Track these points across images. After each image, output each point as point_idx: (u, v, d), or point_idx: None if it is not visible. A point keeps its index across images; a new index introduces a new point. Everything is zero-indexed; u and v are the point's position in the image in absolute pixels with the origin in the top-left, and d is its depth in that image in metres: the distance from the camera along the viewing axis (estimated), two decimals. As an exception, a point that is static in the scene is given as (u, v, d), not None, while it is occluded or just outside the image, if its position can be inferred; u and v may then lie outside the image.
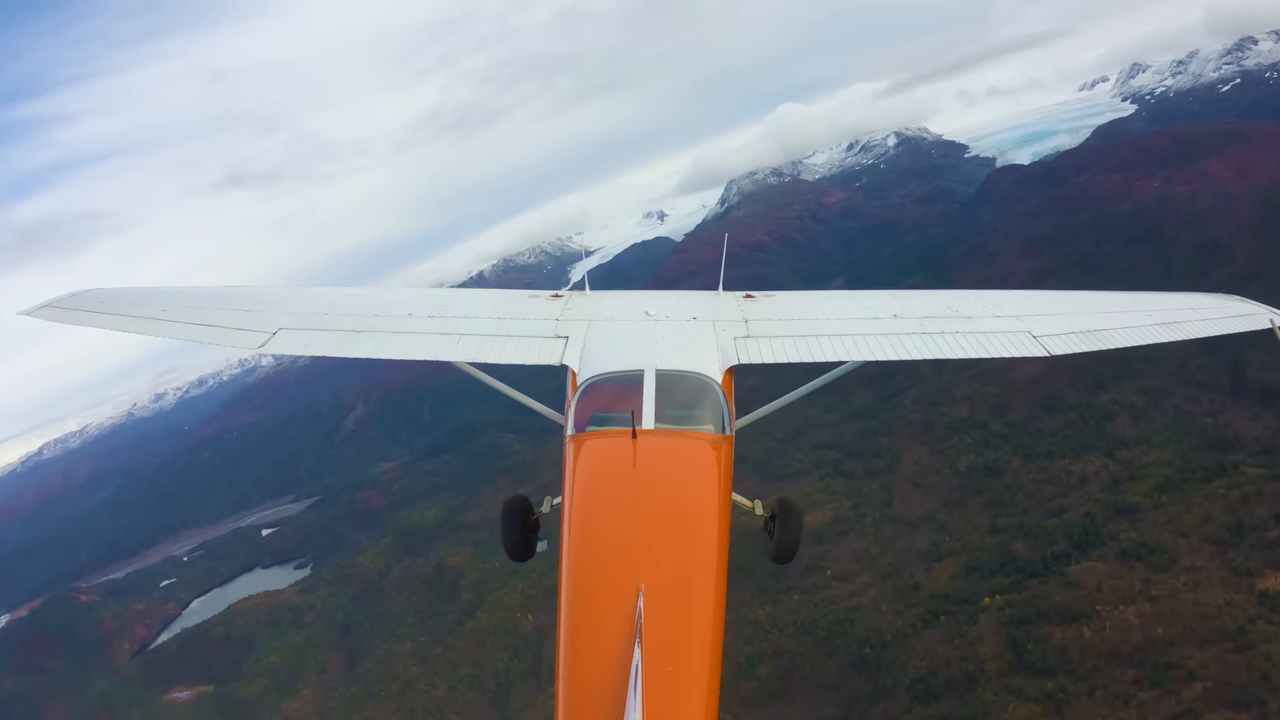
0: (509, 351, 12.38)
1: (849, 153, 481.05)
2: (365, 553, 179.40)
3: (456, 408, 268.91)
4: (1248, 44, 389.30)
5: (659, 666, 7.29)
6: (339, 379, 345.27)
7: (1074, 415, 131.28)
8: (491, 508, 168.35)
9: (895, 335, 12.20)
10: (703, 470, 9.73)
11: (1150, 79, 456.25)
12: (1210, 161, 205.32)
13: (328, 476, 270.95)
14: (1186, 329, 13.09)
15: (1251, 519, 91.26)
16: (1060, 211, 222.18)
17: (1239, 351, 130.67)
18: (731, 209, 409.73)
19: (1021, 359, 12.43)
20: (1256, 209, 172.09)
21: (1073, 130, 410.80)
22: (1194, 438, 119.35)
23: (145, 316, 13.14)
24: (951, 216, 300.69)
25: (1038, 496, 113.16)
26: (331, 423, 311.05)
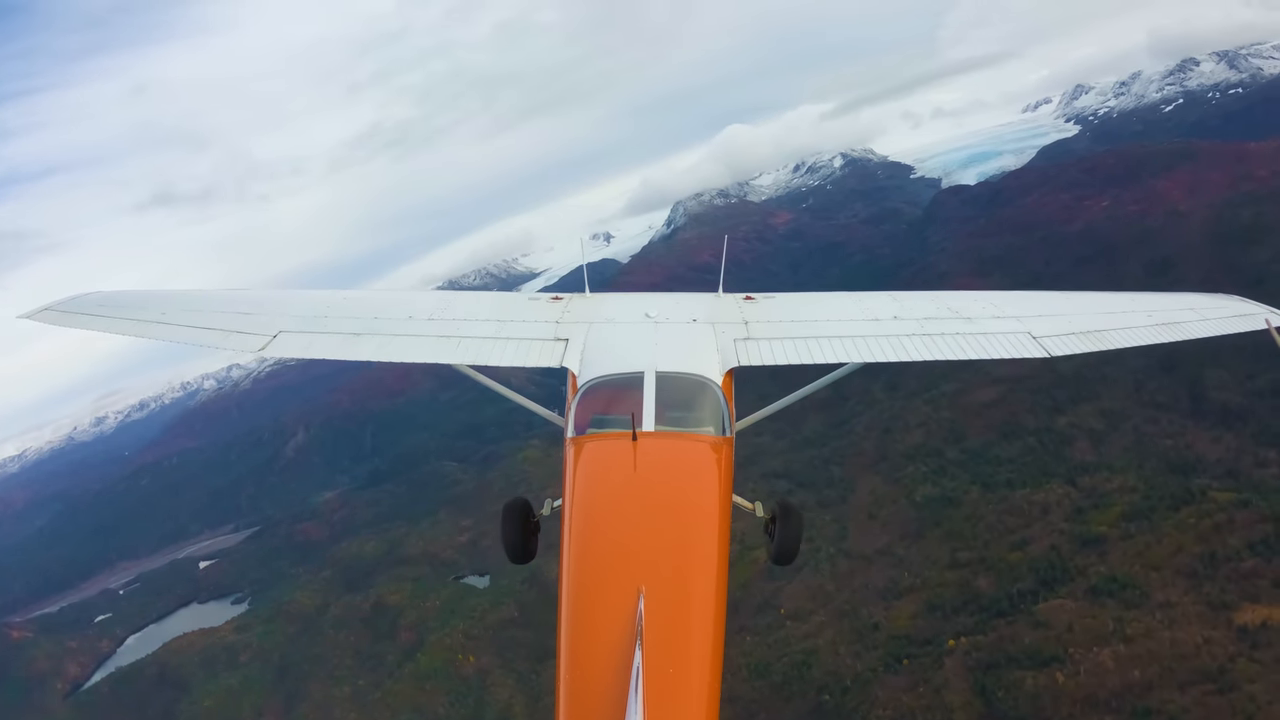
0: (509, 354, 12.26)
1: (795, 174, 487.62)
2: (303, 588, 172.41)
3: (399, 434, 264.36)
4: (1190, 65, 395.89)
5: (660, 669, 7.30)
6: (281, 403, 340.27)
7: (1032, 440, 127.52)
8: (431, 541, 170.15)
9: (895, 337, 12.21)
10: (703, 472, 9.74)
11: (1093, 100, 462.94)
12: (1159, 181, 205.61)
13: (268, 505, 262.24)
14: (1186, 329, 13.06)
15: (1224, 549, 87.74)
16: (1009, 231, 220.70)
17: (1197, 371, 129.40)
18: (678, 230, 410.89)
19: (1010, 361, 12.12)
20: (1208, 227, 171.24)
21: (1017, 151, 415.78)
22: (1156, 461, 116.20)
23: (146, 320, 13.12)
24: (899, 237, 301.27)
25: (999, 528, 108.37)
26: (272, 449, 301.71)
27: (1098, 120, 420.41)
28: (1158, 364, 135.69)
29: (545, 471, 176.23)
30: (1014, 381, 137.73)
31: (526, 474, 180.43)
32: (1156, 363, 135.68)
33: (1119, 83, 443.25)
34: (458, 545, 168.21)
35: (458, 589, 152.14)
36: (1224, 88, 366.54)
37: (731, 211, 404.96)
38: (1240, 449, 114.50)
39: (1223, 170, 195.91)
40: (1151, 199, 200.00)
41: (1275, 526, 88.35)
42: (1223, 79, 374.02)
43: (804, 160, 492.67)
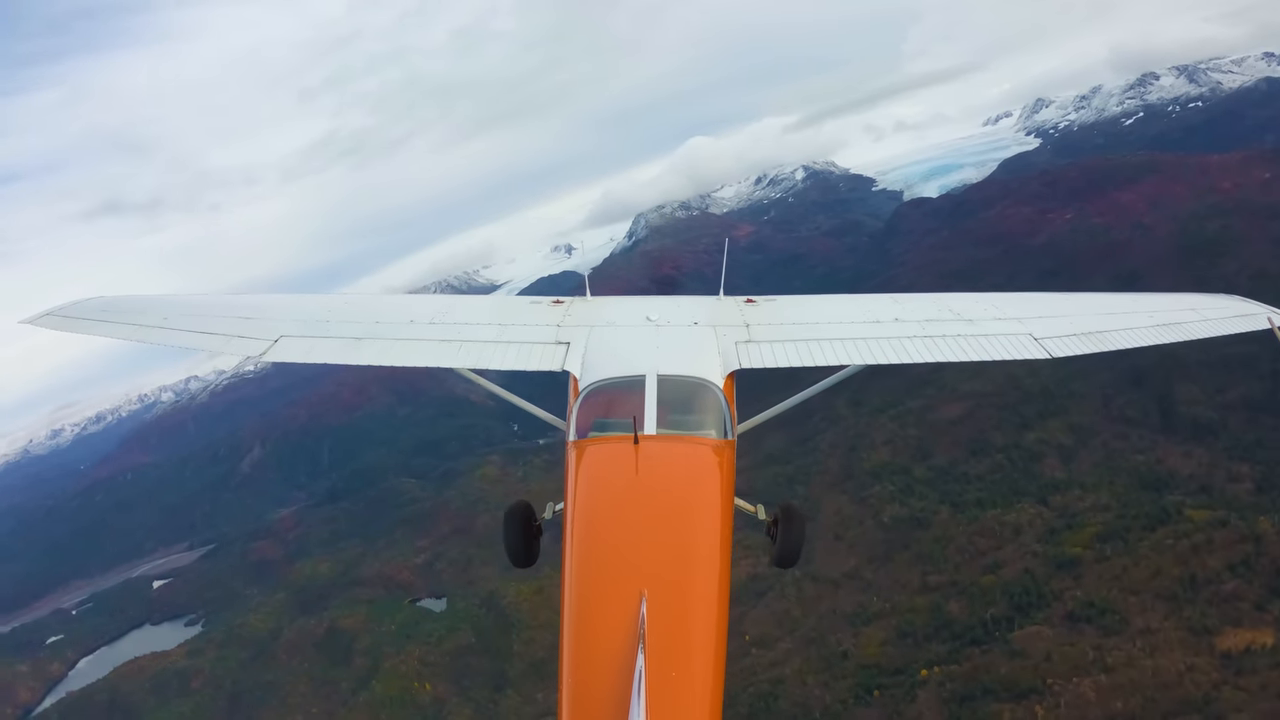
0: (510, 358, 12.08)
1: (757, 186, 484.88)
2: (257, 610, 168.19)
3: (356, 449, 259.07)
4: (1150, 79, 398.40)
5: (662, 672, 7.30)
6: (238, 417, 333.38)
7: (1001, 458, 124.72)
8: (387, 562, 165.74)
9: (897, 339, 12.11)
10: (705, 475, 9.71)
11: (1054, 114, 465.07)
12: (1123, 193, 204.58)
13: (223, 523, 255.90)
14: (1188, 330, 12.90)
15: (1204, 571, 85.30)
16: (972, 244, 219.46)
17: (1166, 385, 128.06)
18: (639, 242, 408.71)
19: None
20: (1174, 240, 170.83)
21: (979, 164, 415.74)
22: (1127, 477, 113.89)
23: (147, 325, 13.13)
24: (861, 249, 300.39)
25: (970, 550, 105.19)
26: (228, 464, 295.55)
27: (1058, 133, 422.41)
28: (1126, 378, 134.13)
29: (503, 490, 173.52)
30: (980, 397, 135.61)
31: (484, 492, 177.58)
32: (1125, 377, 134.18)
33: (1079, 96, 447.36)
34: (414, 566, 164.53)
35: (414, 612, 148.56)
36: (1184, 101, 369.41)
37: (693, 223, 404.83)
38: (1212, 464, 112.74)
39: (1186, 183, 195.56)
40: (1116, 212, 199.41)
41: (1255, 546, 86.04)
42: (1183, 93, 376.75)
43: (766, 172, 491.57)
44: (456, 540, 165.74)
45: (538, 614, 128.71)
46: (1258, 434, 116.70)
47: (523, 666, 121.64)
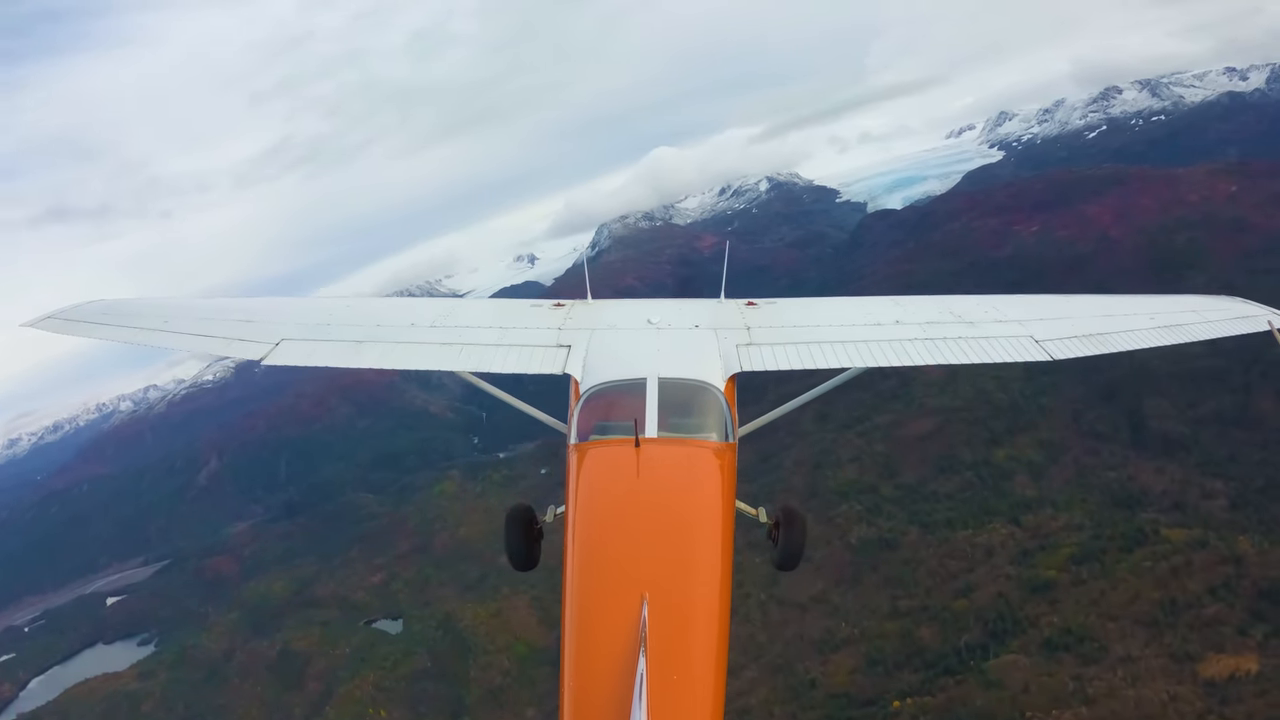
0: (512, 361, 12.26)
1: (721, 197, 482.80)
2: (210, 630, 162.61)
3: (314, 463, 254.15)
4: (1113, 93, 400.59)
5: (664, 675, 7.32)
6: (196, 428, 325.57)
7: (970, 475, 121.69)
8: (342, 582, 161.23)
9: (898, 341, 12.18)
10: (706, 478, 9.77)
11: (1017, 126, 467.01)
12: (1089, 206, 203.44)
13: (179, 537, 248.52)
14: (1189, 331, 12.94)
15: (1184, 595, 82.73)
16: (936, 256, 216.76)
17: (1136, 400, 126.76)
18: (602, 253, 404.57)
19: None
20: (1141, 253, 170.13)
21: (942, 176, 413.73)
22: (1099, 495, 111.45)
23: (148, 328, 13.29)
24: (825, 261, 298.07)
25: (941, 573, 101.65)
26: (185, 477, 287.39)
27: (1021, 146, 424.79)
28: (1096, 392, 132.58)
29: (461, 508, 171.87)
30: (949, 413, 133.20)
31: (442, 510, 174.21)
32: (1095, 391, 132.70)
33: (1042, 110, 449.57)
34: (369, 586, 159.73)
35: (369, 635, 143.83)
36: (1146, 115, 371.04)
37: (656, 234, 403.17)
38: (1185, 480, 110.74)
39: (1152, 196, 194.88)
40: (1082, 224, 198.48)
41: (1236, 568, 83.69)
42: (1145, 106, 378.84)
43: (730, 183, 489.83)
44: (414, 559, 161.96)
45: (495, 638, 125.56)
46: (1230, 449, 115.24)
47: (480, 693, 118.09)
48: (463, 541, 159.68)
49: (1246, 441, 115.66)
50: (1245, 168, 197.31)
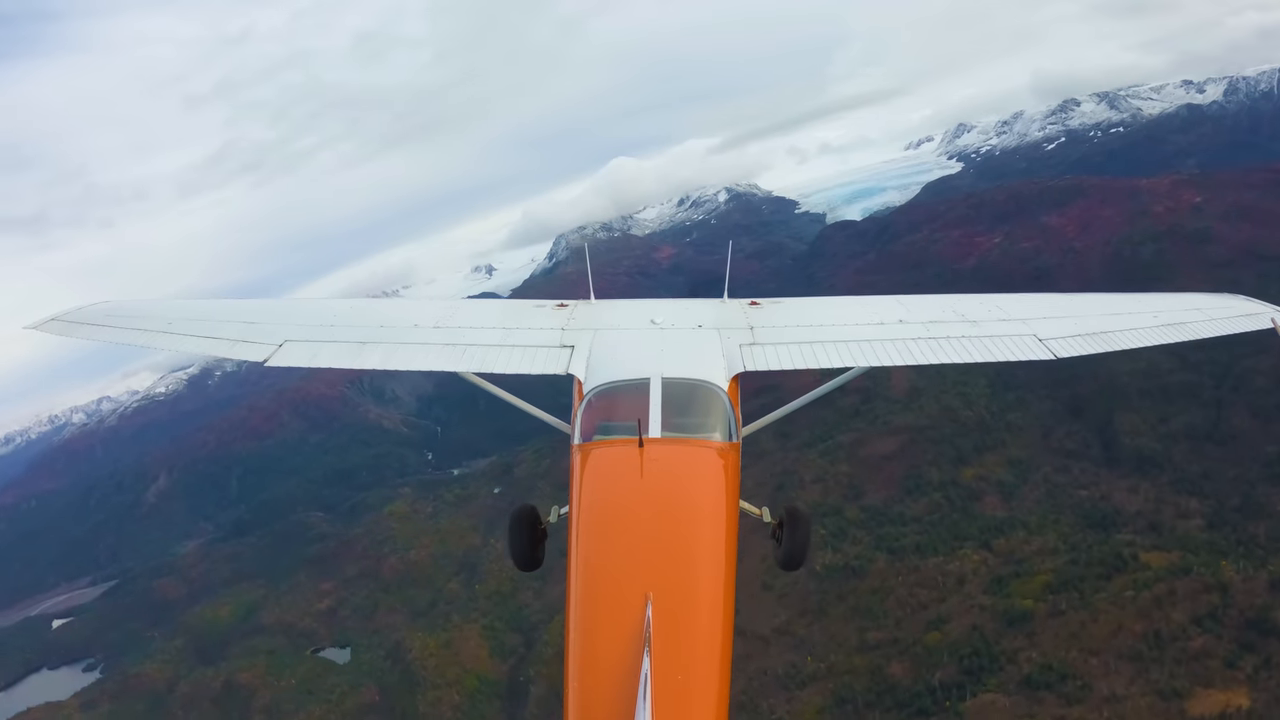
0: (515, 361, 12.22)
1: (680, 208, 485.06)
2: (155, 657, 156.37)
3: (265, 479, 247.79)
4: (1071, 105, 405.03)
5: (668, 675, 7.34)
6: (147, 442, 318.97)
7: (938, 496, 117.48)
8: (289, 608, 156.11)
9: (901, 340, 12.10)
10: (710, 478, 9.77)
11: (975, 138, 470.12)
12: (1051, 217, 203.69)
13: (127, 556, 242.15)
14: (1193, 329, 12.74)
15: (1169, 626, 78.48)
16: (898, 268, 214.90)
17: (1106, 415, 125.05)
18: (560, 264, 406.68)
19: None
20: (1107, 264, 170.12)
21: (902, 187, 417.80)
22: (1072, 515, 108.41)
23: (151, 330, 13.38)
24: (784, 272, 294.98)
25: (911, 603, 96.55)
26: (134, 494, 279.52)
27: (980, 158, 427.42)
28: (1064, 408, 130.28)
29: (412, 529, 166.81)
30: (914, 431, 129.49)
31: (392, 531, 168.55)
32: (1064, 406, 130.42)
33: (1001, 121, 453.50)
34: (317, 613, 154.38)
35: (315, 665, 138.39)
36: (1105, 127, 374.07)
37: (614, 245, 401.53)
38: (1159, 498, 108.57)
39: (1116, 207, 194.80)
40: (1045, 235, 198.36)
41: (1221, 596, 79.66)
42: (1104, 118, 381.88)
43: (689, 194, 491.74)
44: (362, 584, 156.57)
45: (445, 670, 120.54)
46: (1203, 465, 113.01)
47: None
48: (413, 565, 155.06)
49: (1220, 458, 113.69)
50: (1209, 179, 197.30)
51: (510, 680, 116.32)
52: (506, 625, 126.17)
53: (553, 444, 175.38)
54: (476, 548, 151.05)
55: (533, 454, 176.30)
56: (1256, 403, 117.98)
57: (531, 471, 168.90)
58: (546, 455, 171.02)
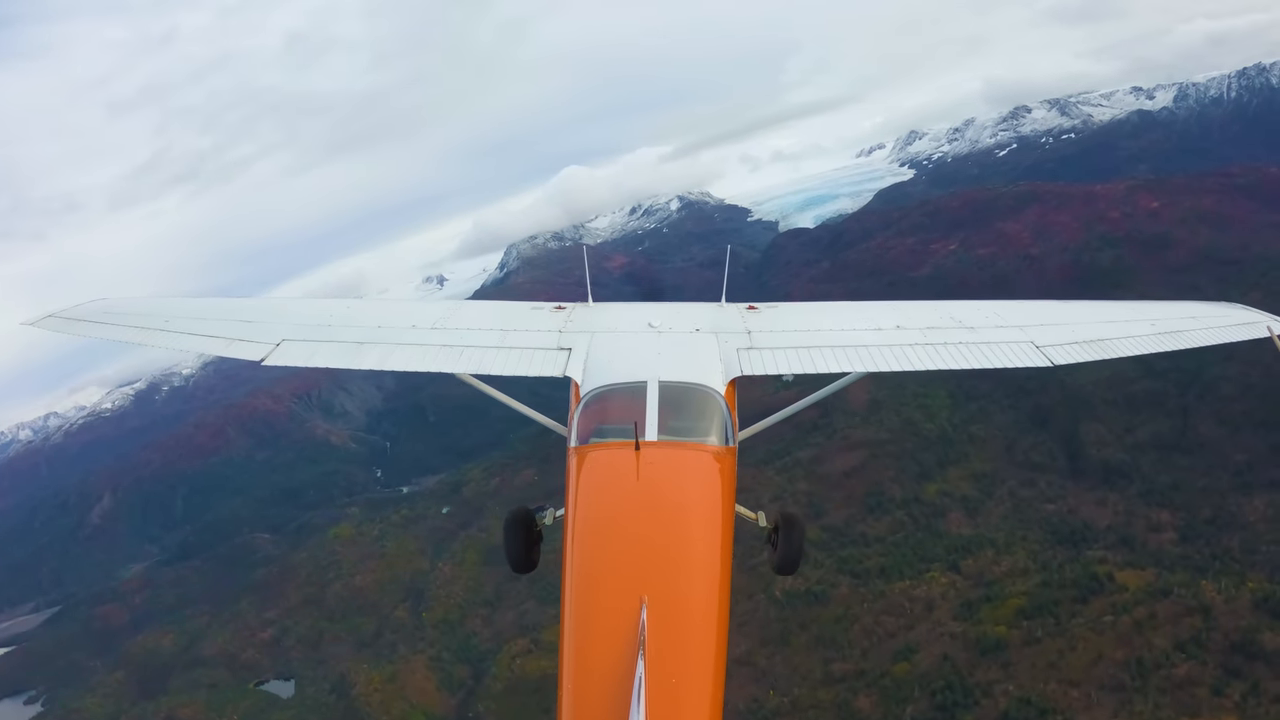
0: (512, 363, 12.30)
1: (632, 216, 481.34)
2: (96, 690, 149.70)
3: (210, 499, 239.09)
4: (1022, 112, 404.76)
5: (662, 678, 7.34)
6: (93, 460, 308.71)
7: (902, 514, 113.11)
8: (232, 638, 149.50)
9: (898, 346, 12.27)
10: (706, 482, 9.89)
11: (927, 145, 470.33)
12: (1007, 224, 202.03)
13: (71, 581, 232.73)
14: (1189, 338, 12.99)
15: (1151, 653, 74.26)
16: (853, 276, 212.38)
17: (1072, 426, 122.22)
18: (511, 274, 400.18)
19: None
20: (1066, 271, 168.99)
21: (854, 194, 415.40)
22: (1040, 531, 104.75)
23: (149, 327, 13.42)
24: (736, 280, 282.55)
25: (877, 631, 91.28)
26: (78, 514, 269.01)
27: (932, 165, 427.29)
28: (1028, 419, 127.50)
29: (357, 554, 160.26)
30: (874, 445, 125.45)
31: (336, 556, 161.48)
32: (1027, 417, 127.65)
33: (952, 129, 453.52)
34: (260, 642, 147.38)
35: (258, 699, 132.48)
36: (1056, 133, 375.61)
37: (566, 254, 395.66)
38: (1130, 512, 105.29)
39: (1071, 213, 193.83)
40: (1001, 242, 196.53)
41: (1204, 619, 75.86)
42: (1055, 125, 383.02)
43: (641, 203, 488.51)
44: (306, 612, 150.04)
45: (390, 705, 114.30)
46: (1172, 476, 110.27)
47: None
48: (358, 591, 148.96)
49: (1188, 468, 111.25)
50: (1165, 184, 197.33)
51: (458, 716, 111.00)
52: (454, 656, 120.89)
53: (502, 462, 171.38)
54: (424, 572, 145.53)
55: (482, 472, 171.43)
56: (1224, 411, 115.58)
57: (480, 490, 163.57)
58: (495, 473, 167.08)
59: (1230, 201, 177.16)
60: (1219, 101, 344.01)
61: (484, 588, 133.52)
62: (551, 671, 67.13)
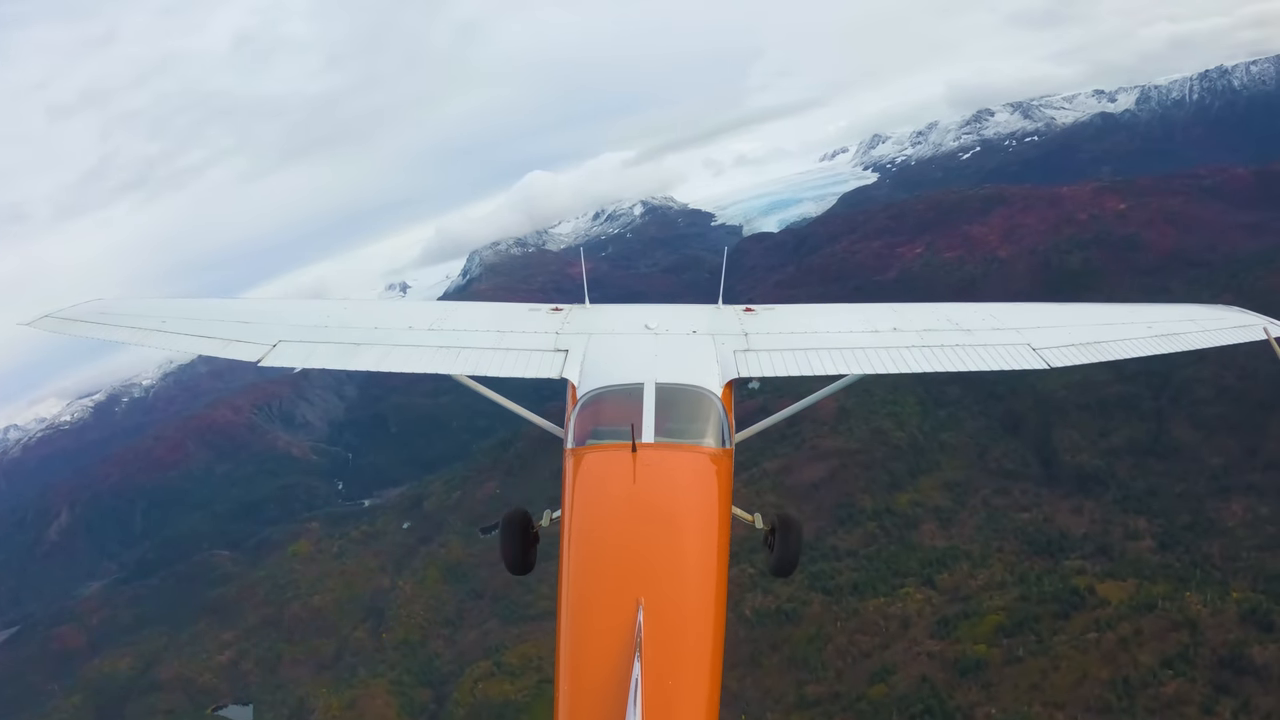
0: (509, 364, 12.28)
1: (595, 222, 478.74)
2: (52, 716, 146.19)
3: (170, 513, 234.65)
4: (985, 115, 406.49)
5: (658, 681, 7.31)
6: (51, 474, 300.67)
7: (873, 526, 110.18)
8: (189, 661, 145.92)
9: (895, 349, 12.31)
10: (702, 484, 9.85)
11: (890, 149, 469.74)
12: (973, 226, 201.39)
13: (29, 600, 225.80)
14: (1186, 340, 12.99)
15: (1137, 671, 71.15)
16: (818, 280, 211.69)
17: (1044, 432, 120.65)
18: (474, 281, 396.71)
19: None
20: (1034, 274, 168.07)
21: (818, 198, 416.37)
22: (1015, 541, 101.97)
23: (145, 328, 13.41)
24: (701, 285, 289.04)
25: (852, 652, 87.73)
26: (36, 531, 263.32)
27: (896, 168, 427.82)
28: (999, 425, 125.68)
29: (316, 572, 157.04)
30: (844, 455, 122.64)
31: (295, 575, 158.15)
32: (998, 424, 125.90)
33: (916, 132, 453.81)
34: (218, 666, 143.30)
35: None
36: (1020, 136, 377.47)
37: (529, 261, 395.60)
38: (1106, 519, 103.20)
39: (1038, 215, 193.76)
40: (968, 245, 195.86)
41: (1191, 634, 72.92)
42: (1018, 128, 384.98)
43: (604, 208, 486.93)
44: (264, 633, 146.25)
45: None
46: (1148, 482, 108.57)
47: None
48: (317, 612, 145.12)
49: (1164, 473, 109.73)
50: (1131, 185, 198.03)
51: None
52: (416, 679, 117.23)
53: (464, 474, 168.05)
54: (384, 590, 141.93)
55: (443, 485, 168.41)
56: (1198, 414, 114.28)
57: (441, 504, 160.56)
58: (457, 486, 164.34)
59: (1198, 203, 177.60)
60: (1181, 104, 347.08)
61: (445, 606, 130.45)
62: (515, 697, 63.55)
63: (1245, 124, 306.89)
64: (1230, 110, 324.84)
